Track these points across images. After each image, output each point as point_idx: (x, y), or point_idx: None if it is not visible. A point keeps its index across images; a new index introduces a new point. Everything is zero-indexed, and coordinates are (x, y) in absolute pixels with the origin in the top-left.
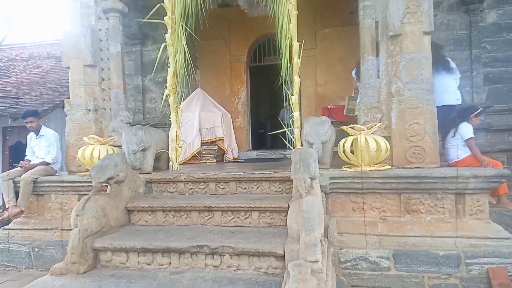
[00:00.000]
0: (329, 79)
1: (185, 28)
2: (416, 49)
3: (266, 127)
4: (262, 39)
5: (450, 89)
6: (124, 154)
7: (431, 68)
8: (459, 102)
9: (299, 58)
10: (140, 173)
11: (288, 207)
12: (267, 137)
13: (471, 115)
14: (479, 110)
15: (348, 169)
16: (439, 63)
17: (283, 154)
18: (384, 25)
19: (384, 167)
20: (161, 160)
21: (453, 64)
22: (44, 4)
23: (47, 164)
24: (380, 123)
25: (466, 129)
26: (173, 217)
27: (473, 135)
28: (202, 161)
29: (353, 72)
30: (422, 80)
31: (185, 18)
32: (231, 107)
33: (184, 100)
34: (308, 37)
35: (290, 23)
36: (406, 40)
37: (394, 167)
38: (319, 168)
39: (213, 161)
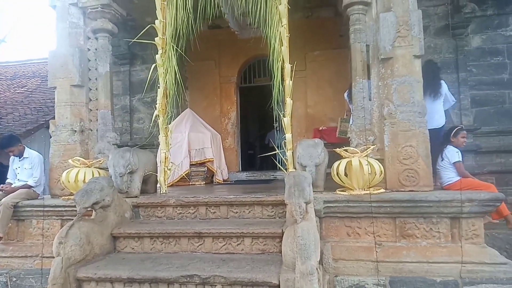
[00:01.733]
0: (318, 100)
1: (175, 49)
2: (407, 72)
3: (255, 147)
4: (252, 60)
5: (433, 113)
6: (111, 177)
7: (422, 91)
8: (441, 124)
9: (291, 80)
10: (126, 197)
11: (282, 232)
12: (257, 158)
13: (451, 137)
14: (456, 128)
15: (342, 193)
16: (429, 86)
17: (273, 175)
18: (375, 49)
19: (379, 191)
20: (148, 183)
21: (444, 88)
22: (31, 22)
23: (30, 187)
24: (373, 146)
25: (451, 153)
26: (161, 244)
27: (460, 159)
28: (190, 183)
29: (345, 94)
30: (414, 103)
31: (176, 39)
32: (220, 127)
33: (173, 120)
34: (298, 59)
35: (282, 46)
36: (397, 63)
37: (388, 190)
38: (313, 191)
39: (202, 183)
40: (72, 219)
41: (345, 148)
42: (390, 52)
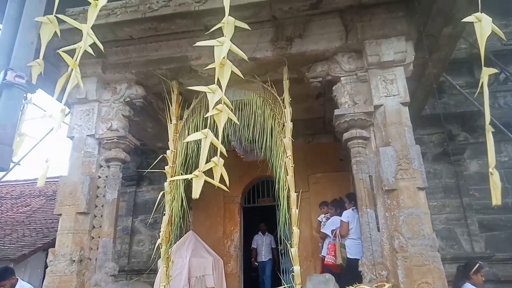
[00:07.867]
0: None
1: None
2: (413, 204)
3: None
4: (256, 181)
5: None
6: None
7: (430, 223)
8: None
9: (297, 208)
10: None
11: None
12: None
13: (471, 273)
14: (477, 265)
15: None
16: None
17: None
18: (378, 179)
19: None
20: None
21: None
22: (43, 146)
23: None
24: (388, 285)
25: None
26: None
27: None
28: None
29: (345, 216)
30: (424, 236)
31: (185, 167)
32: (223, 250)
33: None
34: (301, 181)
35: (288, 175)
36: (402, 195)
37: None
38: None
39: None
40: None
41: (358, 286)
42: (393, 184)
